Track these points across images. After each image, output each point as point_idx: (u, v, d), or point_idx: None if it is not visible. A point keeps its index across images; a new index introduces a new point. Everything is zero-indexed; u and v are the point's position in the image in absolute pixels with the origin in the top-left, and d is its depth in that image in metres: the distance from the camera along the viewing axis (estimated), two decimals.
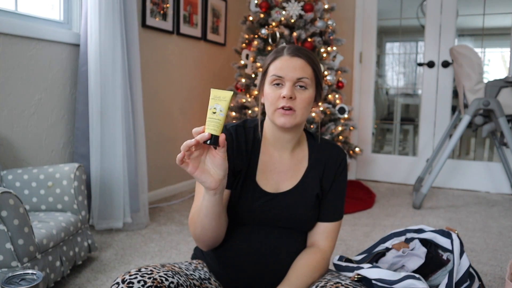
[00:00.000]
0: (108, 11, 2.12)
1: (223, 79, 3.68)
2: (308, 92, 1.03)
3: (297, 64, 1.02)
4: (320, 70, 1.07)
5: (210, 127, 0.86)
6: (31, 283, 0.88)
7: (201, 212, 0.97)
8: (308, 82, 1.02)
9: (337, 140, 2.94)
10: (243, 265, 1.07)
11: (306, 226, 1.12)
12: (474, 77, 2.86)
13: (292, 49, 1.04)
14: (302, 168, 1.12)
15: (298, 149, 1.13)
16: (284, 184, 1.10)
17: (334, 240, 1.13)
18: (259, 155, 1.10)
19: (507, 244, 2.19)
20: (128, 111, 2.25)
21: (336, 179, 1.12)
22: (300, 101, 1.01)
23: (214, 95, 0.89)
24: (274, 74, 1.02)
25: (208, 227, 0.99)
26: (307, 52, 1.06)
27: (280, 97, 1.01)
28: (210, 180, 0.89)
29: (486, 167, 3.47)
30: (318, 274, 1.06)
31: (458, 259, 1.15)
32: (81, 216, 1.78)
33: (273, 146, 1.11)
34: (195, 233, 1.03)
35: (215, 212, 0.96)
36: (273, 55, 1.06)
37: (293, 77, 1.01)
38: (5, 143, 1.93)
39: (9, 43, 1.92)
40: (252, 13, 2.96)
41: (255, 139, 1.11)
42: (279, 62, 1.03)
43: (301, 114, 1.02)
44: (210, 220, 0.97)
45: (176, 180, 3.18)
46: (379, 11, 3.72)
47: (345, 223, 2.51)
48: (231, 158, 1.06)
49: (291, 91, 1.00)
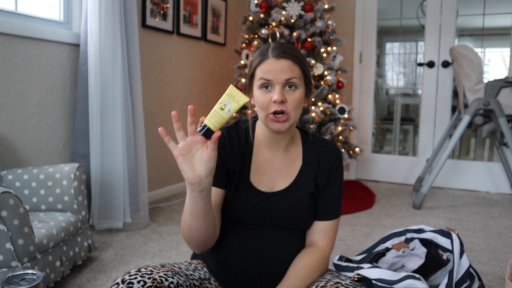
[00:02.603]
0: (108, 11, 2.12)
1: (223, 79, 3.68)
2: (298, 91, 1.02)
3: (284, 66, 1.00)
4: (307, 66, 1.06)
5: (211, 120, 0.85)
6: (31, 283, 0.88)
7: (185, 212, 0.95)
8: (297, 81, 1.01)
9: (337, 140, 2.94)
10: (241, 265, 1.07)
11: (303, 224, 1.12)
12: (474, 77, 2.86)
13: (277, 51, 1.02)
14: (296, 167, 1.11)
15: (292, 147, 1.13)
16: (278, 184, 1.10)
17: (332, 239, 1.13)
18: (252, 155, 1.10)
19: (507, 244, 2.19)
20: (128, 111, 2.25)
21: (331, 177, 1.12)
22: (291, 102, 1.00)
23: (230, 93, 0.87)
24: (262, 78, 1.00)
25: (193, 227, 0.96)
26: (292, 50, 1.04)
27: (271, 102, 1.00)
28: (190, 172, 0.87)
29: (486, 167, 3.47)
30: (317, 274, 1.06)
31: (458, 259, 1.15)
32: (81, 216, 1.78)
33: (266, 146, 1.11)
34: (184, 234, 1.00)
35: (198, 211, 0.92)
36: (258, 58, 1.03)
37: (282, 79, 0.99)
38: (5, 143, 1.93)
39: (9, 43, 1.92)
40: (252, 13, 2.96)
41: (248, 140, 1.11)
42: (266, 65, 1.01)
43: (294, 115, 1.02)
44: (194, 219, 0.94)
45: (176, 180, 3.18)
46: (379, 11, 3.72)
47: (345, 223, 2.51)
48: (224, 160, 1.07)
49: (282, 94, 0.99)
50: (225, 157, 1.07)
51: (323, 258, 1.08)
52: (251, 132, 1.12)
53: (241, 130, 1.12)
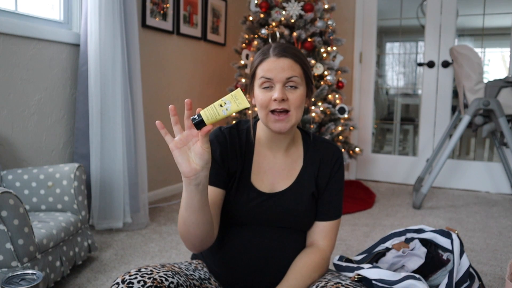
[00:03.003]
0: (108, 11, 2.12)
1: (223, 79, 3.69)
2: (299, 90, 1.02)
3: (285, 64, 1.00)
4: (308, 66, 1.06)
5: (207, 113, 0.86)
6: (31, 283, 0.88)
7: (182, 207, 0.95)
8: (298, 80, 1.01)
9: (337, 140, 2.94)
10: (241, 265, 1.07)
11: (303, 225, 1.11)
12: (474, 77, 2.86)
13: (278, 49, 1.02)
14: (297, 168, 1.11)
15: (292, 148, 1.13)
16: (279, 184, 1.10)
17: (333, 239, 1.13)
18: (253, 156, 1.10)
19: (507, 244, 2.19)
20: (128, 111, 2.25)
21: (332, 177, 1.12)
22: (293, 101, 1.00)
23: (235, 94, 0.87)
24: (263, 76, 1.01)
25: (189, 222, 0.94)
26: (294, 50, 1.04)
27: (271, 100, 1.00)
28: (186, 164, 0.87)
29: (486, 167, 3.47)
30: (317, 274, 1.06)
31: (458, 259, 1.15)
32: (81, 216, 1.78)
33: (267, 146, 1.11)
34: (180, 230, 0.99)
35: (194, 205, 0.92)
36: (259, 57, 1.04)
37: (283, 78, 0.99)
38: (5, 143, 1.93)
39: (9, 43, 1.92)
40: (252, 13, 2.96)
41: (249, 141, 1.11)
42: (267, 64, 1.01)
43: (295, 115, 1.01)
44: (190, 213, 0.93)
45: (176, 180, 3.18)
46: (379, 11, 3.72)
47: (345, 223, 2.51)
48: (225, 160, 1.07)
49: (282, 92, 0.99)
50: (226, 157, 1.07)
51: (324, 258, 1.08)
52: (252, 133, 1.12)
53: (242, 131, 1.12)
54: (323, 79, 2.87)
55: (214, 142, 1.08)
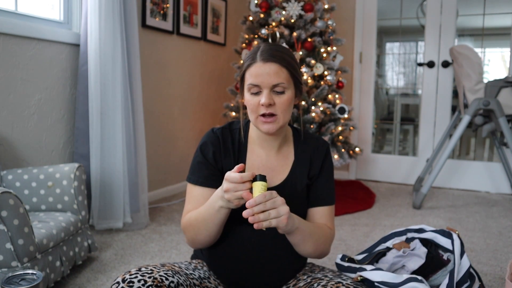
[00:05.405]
0: (108, 11, 2.12)
1: (223, 79, 3.69)
2: (287, 94, 1.03)
3: (272, 70, 1.01)
4: (296, 67, 1.06)
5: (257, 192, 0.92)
6: (31, 283, 0.88)
7: (209, 222, 1.01)
8: (285, 85, 1.02)
9: (337, 140, 2.94)
10: (240, 262, 1.08)
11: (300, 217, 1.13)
12: (474, 77, 2.86)
13: (265, 54, 1.02)
14: (289, 162, 1.14)
15: (284, 146, 1.15)
16: (273, 180, 1.12)
17: (333, 223, 1.16)
18: (247, 155, 1.13)
19: (507, 244, 2.19)
20: (128, 111, 2.25)
21: (323, 168, 1.16)
22: (279, 105, 1.02)
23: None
24: (250, 83, 1.02)
25: (214, 234, 1.04)
26: (281, 52, 1.04)
27: (259, 105, 1.02)
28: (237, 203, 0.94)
29: (486, 167, 3.47)
30: (320, 233, 1.08)
31: (459, 259, 1.15)
32: (81, 216, 1.78)
33: (260, 145, 1.13)
34: (196, 239, 1.06)
35: (224, 221, 1.02)
36: (248, 61, 1.05)
37: (269, 84, 1.01)
38: (5, 143, 1.93)
39: (9, 43, 1.92)
40: (252, 13, 2.96)
41: (241, 140, 1.14)
42: (254, 69, 1.02)
43: (283, 117, 1.04)
44: (220, 228, 1.03)
45: (176, 180, 3.18)
46: (379, 11, 3.72)
47: (345, 223, 2.51)
48: (218, 160, 1.10)
49: (269, 98, 1.01)
50: (220, 157, 1.10)
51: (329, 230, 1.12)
52: (243, 133, 1.14)
53: (234, 131, 1.15)
54: (323, 79, 2.87)
55: (207, 144, 1.11)
